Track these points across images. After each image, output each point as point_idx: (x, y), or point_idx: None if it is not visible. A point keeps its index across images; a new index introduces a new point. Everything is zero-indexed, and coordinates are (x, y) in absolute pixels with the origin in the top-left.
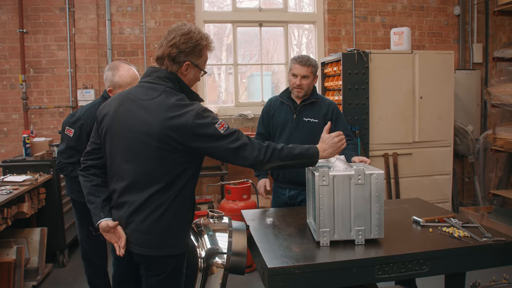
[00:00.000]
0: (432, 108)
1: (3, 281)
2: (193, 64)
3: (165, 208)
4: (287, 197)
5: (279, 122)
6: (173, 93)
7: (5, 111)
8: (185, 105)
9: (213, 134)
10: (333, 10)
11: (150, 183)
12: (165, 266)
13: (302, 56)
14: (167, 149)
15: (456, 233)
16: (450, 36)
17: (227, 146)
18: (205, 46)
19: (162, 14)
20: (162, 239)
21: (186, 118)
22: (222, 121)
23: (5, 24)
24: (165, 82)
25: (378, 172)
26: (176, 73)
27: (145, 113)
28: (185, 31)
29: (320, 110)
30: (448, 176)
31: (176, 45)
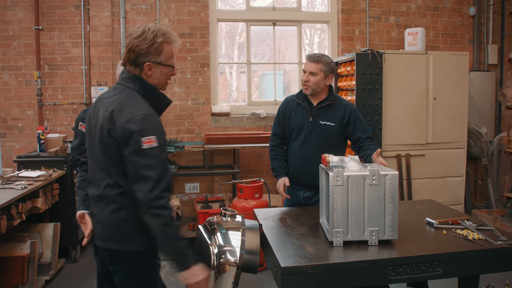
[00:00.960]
0: (445, 110)
1: (17, 275)
2: (154, 63)
3: (119, 204)
4: (302, 198)
5: (295, 124)
6: (129, 93)
7: (20, 107)
8: (130, 106)
9: (133, 145)
10: (347, 10)
11: (103, 178)
12: (124, 262)
13: (314, 53)
14: (111, 146)
15: (470, 235)
16: (465, 37)
17: (136, 164)
18: (162, 42)
19: (176, 12)
20: (119, 233)
21: (122, 118)
22: (154, 138)
23: (21, 21)
24: (127, 83)
25: (393, 173)
26: (140, 75)
27: (102, 111)
28: (138, 33)
29: (337, 113)
30: (461, 178)
31: (132, 49)
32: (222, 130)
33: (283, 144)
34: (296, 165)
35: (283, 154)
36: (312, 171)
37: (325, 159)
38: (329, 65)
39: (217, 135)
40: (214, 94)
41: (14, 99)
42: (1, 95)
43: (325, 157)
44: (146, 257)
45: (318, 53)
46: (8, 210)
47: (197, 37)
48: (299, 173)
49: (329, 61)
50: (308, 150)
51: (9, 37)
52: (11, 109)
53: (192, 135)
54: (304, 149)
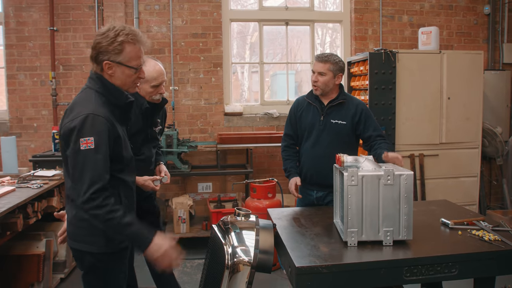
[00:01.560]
0: (459, 109)
1: (32, 273)
2: (114, 62)
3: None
4: (315, 198)
5: (306, 124)
6: (86, 94)
7: (35, 107)
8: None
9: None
10: (360, 9)
11: (67, 177)
12: (83, 262)
13: (323, 53)
14: (63, 146)
15: (486, 236)
16: (479, 35)
17: (72, 164)
18: (123, 41)
19: (189, 12)
20: (81, 233)
21: (67, 117)
22: (91, 140)
23: (37, 22)
24: (89, 82)
25: (408, 173)
26: (102, 74)
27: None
28: (102, 31)
29: (348, 112)
30: (476, 179)
31: (93, 46)
32: (235, 130)
33: (295, 144)
34: (308, 165)
35: (295, 155)
36: (325, 171)
37: (340, 159)
38: (338, 64)
39: (230, 135)
40: (227, 94)
41: (30, 99)
42: (16, 95)
43: (340, 157)
44: (107, 260)
45: (326, 53)
46: (24, 209)
47: (210, 37)
48: (312, 173)
49: (337, 60)
50: (320, 150)
51: (24, 38)
52: (27, 109)
53: (205, 134)
54: (316, 149)
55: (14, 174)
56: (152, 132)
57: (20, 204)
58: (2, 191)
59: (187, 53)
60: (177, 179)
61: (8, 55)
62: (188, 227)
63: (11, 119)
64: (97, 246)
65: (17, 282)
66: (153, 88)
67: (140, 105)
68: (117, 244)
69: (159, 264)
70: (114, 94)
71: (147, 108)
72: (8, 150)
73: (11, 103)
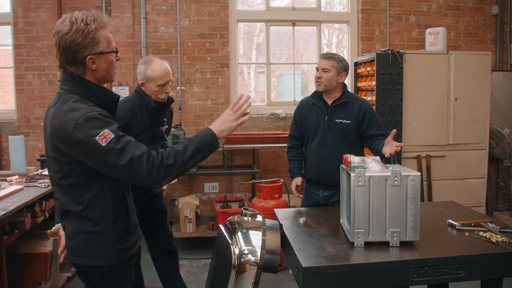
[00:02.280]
0: (467, 110)
1: (40, 271)
2: (95, 55)
3: (81, 217)
4: (321, 198)
5: (311, 125)
6: (67, 98)
7: (43, 106)
8: (69, 112)
9: (93, 148)
10: (367, 10)
11: (63, 191)
12: (90, 276)
13: (328, 51)
14: (60, 160)
15: (493, 238)
16: (487, 36)
17: (109, 163)
18: (96, 29)
19: (196, 12)
20: (85, 247)
21: (67, 129)
22: (106, 132)
23: (45, 23)
24: (65, 85)
25: (415, 174)
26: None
27: (48, 122)
28: (66, 29)
29: (352, 111)
30: (483, 180)
31: (65, 47)
32: (241, 130)
33: (300, 145)
34: (315, 165)
35: (300, 155)
36: (331, 170)
37: (347, 160)
38: (342, 63)
39: (237, 135)
40: (233, 94)
41: (37, 98)
42: (24, 95)
43: (347, 157)
44: (115, 273)
45: (331, 52)
46: (32, 207)
47: (217, 38)
48: (318, 172)
49: (341, 58)
50: (326, 149)
51: (33, 38)
52: (34, 108)
53: None
54: (322, 149)
55: (22, 173)
56: (159, 131)
57: (28, 203)
58: (10, 190)
59: (194, 53)
60: (183, 179)
61: (17, 55)
62: (194, 227)
63: (19, 118)
64: (105, 259)
65: (25, 280)
66: (159, 87)
67: (146, 104)
68: (125, 254)
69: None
70: (97, 94)
71: (154, 107)
72: (16, 149)
73: (19, 103)
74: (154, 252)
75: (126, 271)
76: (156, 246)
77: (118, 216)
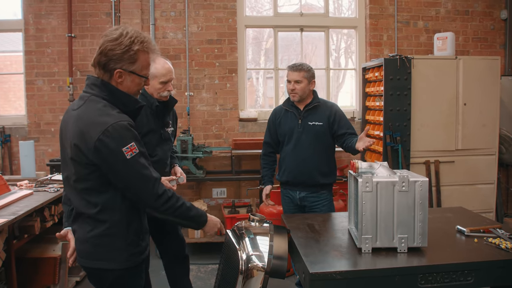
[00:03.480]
0: (476, 115)
1: (49, 276)
2: (126, 71)
3: (96, 220)
4: (298, 199)
5: (286, 130)
6: (95, 101)
7: (53, 112)
8: (98, 116)
9: (115, 157)
10: (375, 15)
11: (77, 193)
12: (102, 279)
13: (295, 63)
14: (78, 162)
15: (503, 244)
16: (496, 41)
17: (126, 175)
18: (139, 50)
19: (204, 19)
20: (98, 251)
21: (93, 132)
22: (133, 145)
23: (55, 29)
24: (92, 90)
25: (423, 180)
26: (109, 81)
27: (70, 123)
28: (114, 36)
29: (323, 114)
30: (492, 186)
31: (104, 52)
32: (249, 136)
33: (273, 152)
34: (291, 166)
35: (273, 163)
36: (307, 170)
37: (354, 165)
38: (310, 72)
39: (245, 140)
40: (241, 99)
41: (47, 104)
42: (35, 100)
43: (354, 163)
44: (127, 276)
45: (298, 63)
46: (41, 212)
47: (225, 43)
48: (295, 173)
49: (309, 68)
50: (301, 151)
51: (43, 45)
52: (44, 114)
53: (220, 140)
54: (297, 150)
55: (32, 178)
56: (165, 133)
57: (38, 208)
58: (20, 194)
59: (203, 59)
60: (191, 184)
61: (27, 61)
62: (202, 232)
63: (29, 124)
64: (118, 262)
65: (34, 284)
66: (161, 85)
67: (150, 104)
68: (138, 258)
69: (211, 233)
70: (123, 101)
71: (157, 106)
72: (27, 154)
73: (30, 108)
74: (165, 258)
75: (138, 275)
76: (168, 252)
77: (131, 220)
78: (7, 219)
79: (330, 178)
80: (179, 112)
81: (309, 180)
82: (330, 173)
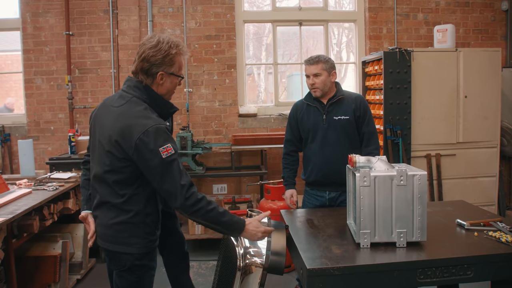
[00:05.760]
0: (477, 108)
1: (49, 274)
2: (167, 73)
3: (119, 209)
4: (327, 200)
5: (309, 126)
6: (138, 103)
7: (52, 110)
8: (140, 118)
9: (153, 156)
10: (374, 8)
11: (104, 183)
12: (122, 261)
13: (311, 56)
14: (115, 155)
15: (503, 238)
16: (497, 32)
17: (161, 173)
18: (176, 54)
19: (202, 14)
20: (118, 236)
21: (135, 132)
22: (169, 146)
23: (53, 27)
24: (134, 91)
25: (421, 173)
26: (151, 84)
27: (110, 119)
28: (153, 43)
29: (349, 106)
30: (494, 178)
31: (146, 58)
32: (249, 131)
33: (295, 151)
34: (320, 165)
35: (295, 163)
36: (337, 168)
37: (352, 160)
38: (329, 62)
39: (244, 136)
40: (241, 95)
41: (46, 102)
42: (34, 99)
43: (352, 157)
44: (144, 259)
45: (314, 55)
46: (40, 211)
47: (223, 39)
48: (325, 172)
49: (327, 58)
50: (329, 148)
51: (41, 43)
52: (44, 112)
53: (220, 136)
54: (325, 148)
55: (31, 176)
56: None
57: (36, 206)
58: (19, 193)
59: (201, 55)
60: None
61: (26, 60)
62: (203, 228)
63: (29, 122)
64: (138, 247)
65: (34, 283)
66: None
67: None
68: (153, 244)
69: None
70: (160, 105)
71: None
72: (25, 153)
73: (29, 107)
74: (165, 254)
75: (152, 258)
76: (168, 248)
77: (150, 212)
78: (5, 218)
79: None
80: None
81: (339, 178)
82: None
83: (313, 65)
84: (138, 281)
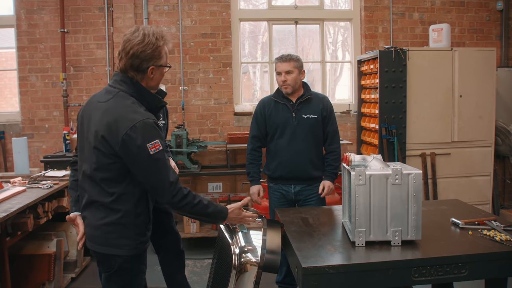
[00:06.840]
0: (472, 107)
1: (43, 272)
2: (156, 66)
3: (108, 209)
4: (293, 193)
5: (278, 122)
6: (125, 97)
7: (46, 108)
8: (127, 112)
9: (140, 152)
10: (370, 7)
11: (93, 182)
12: (111, 264)
13: (282, 54)
14: (102, 152)
15: (497, 236)
16: (492, 32)
17: (148, 169)
18: (163, 45)
19: (198, 12)
20: (107, 237)
21: (122, 126)
22: (157, 142)
23: (48, 24)
24: (120, 86)
25: (416, 172)
26: (141, 79)
27: (97, 115)
28: (140, 38)
29: (316, 106)
30: (489, 177)
31: (136, 55)
32: (244, 130)
33: (260, 147)
34: (287, 161)
35: (260, 158)
36: (304, 164)
37: (347, 158)
38: (299, 61)
39: (240, 134)
40: (236, 93)
41: (41, 100)
42: (28, 96)
43: (347, 156)
44: (133, 262)
45: (285, 54)
46: (35, 209)
47: (219, 37)
48: (291, 167)
49: (298, 57)
50: (297, 144)
51: (36, 40)
52: (38, 110)
53: (215, 134)
54: (293, 144)
55: (26, 174)
56: None
57: (31, 204)
58: (13, 191)
59: (197, 53)
60: (187, 179)
61: (20, 57)
62: (198, 227)
63: (23, 120)
64: (127, 249)
65: (29, 281)
66: None
67: None
68: (143, 246)
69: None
70: (148, 100)
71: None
72: (20, 151)
73: (23, 105)
74: (161, 253)
75: (142, 261)
76: (163, 247)
77: (141, 211)
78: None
79: (321, 170)
80: (173, 107)
81: (304, 174)
82: (321, 165)
83: (285, 63)
84: (127, 285)
